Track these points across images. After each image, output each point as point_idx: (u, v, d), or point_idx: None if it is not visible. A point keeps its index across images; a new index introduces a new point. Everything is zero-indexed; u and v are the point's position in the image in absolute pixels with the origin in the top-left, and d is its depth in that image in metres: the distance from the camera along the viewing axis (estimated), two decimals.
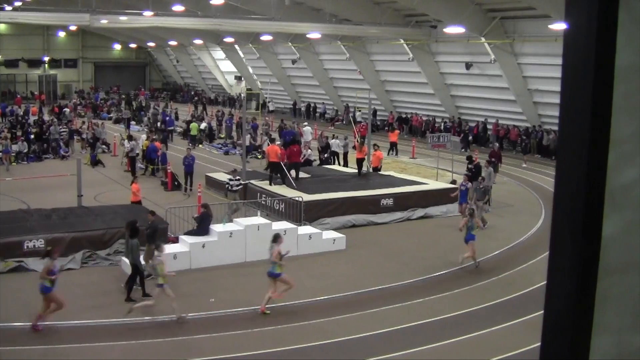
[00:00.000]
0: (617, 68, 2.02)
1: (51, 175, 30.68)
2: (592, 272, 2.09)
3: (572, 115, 2.10)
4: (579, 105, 2.06)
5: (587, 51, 2.03)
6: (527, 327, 15.04)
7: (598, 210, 2.06)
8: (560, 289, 2.17)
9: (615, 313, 2.12)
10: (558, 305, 2.18)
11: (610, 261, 2.09)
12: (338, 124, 58.18)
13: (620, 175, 2.06)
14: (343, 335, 15.16)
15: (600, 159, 2.05)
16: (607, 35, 2.01)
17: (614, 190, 2.05)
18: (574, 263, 2.11)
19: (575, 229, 2.09)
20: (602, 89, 2.03)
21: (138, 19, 45.80)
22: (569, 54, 2.11)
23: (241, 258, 20.47)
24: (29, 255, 19.23)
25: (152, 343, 14.72)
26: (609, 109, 2.03)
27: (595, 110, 2.03)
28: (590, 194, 2.05)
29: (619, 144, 2.05)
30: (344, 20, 47.46)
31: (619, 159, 2.05)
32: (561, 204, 2.15)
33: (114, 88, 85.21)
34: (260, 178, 29.26)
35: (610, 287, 2.10)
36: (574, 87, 2.09)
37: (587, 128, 2.04)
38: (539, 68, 41.19)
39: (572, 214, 2.09)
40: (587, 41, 2.02)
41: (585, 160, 2.04)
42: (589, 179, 2.04)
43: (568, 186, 2.11)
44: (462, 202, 25.65)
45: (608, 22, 2.00)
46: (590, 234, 2.08)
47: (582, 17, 2.04)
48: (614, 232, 2.07)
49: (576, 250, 2.10)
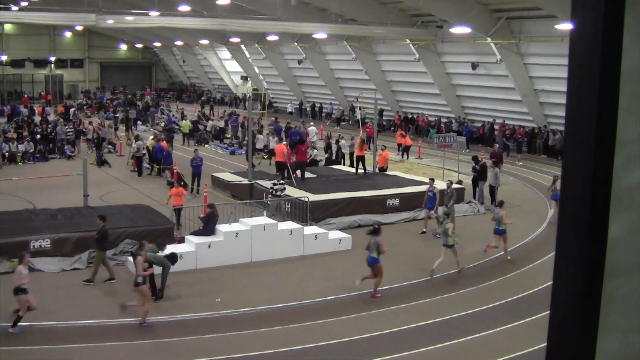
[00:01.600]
0: (623, 69, 2.02)
1: (57, 175, 30.73)
2: (598, 273, 2.09)
3: (578, 116, 2.10)
4: (585, 106, 2.06)
5: (593, 52, 2.03)
6: (533, 328, 15.01)
7: (604, 212, 2.06)
8: (567, 290, 2.17)
9: (621, 314, 2.12)
10: (564, 306, 2.18)
11: (616, 262, 2.09)
12: (344, 124, 58.19)
13: (626, 177, 2.06)
14: (349, 335, 15.16)
15: (606, 160, 2.04)
16: (613, 36, 2.01)
17: (620, 191, 2.05)
18: (580, 264, 2.11)
19: (581, 230, 2.09)
20: (608, 90, 2.03)
21: (144, 19, 45.83)
22: (575, 54, 2.11)
23: (247, 258, 20.47)
24: (35, 255, 19.25)
25: (157, 343, 14.73)
26: (615, 110, 2.03)
27: (602, 112, 2.03)
28: (597, 195, 2.05)
29: (626, 145, 2.05)
30: (350, 20, 47.44)
31: (626, 160, 2.05)
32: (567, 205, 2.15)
33: (120, 88, 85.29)
34: (267, 178, 29.28)
35: (617, 288, 2.10)
36: (580, 87, 2.09)
37: (593, 129, 2.04)
38: (545, 68, 41.11)
39: (579, 215, 2.09)
40: (594, 42, 2.02)
41: (591, 162, 2.04)
42: (595, 180, 2.04)
43: (574, 187, 2.11)
44: (429, 207, 24.61)
45: (614, 23, 2.00)
46: (596, 235, 2.08)
47: (588, 18, 2.04)
48: (620, 233, 2.07)
49: (582, 251, 2.10)
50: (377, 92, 44.31)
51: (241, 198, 27.08)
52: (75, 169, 28.84)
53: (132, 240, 20.60)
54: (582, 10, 2.06)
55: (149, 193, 29.30)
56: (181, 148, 41.29)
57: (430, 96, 52.18)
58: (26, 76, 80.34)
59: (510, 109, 46.06)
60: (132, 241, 20.58)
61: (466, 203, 28.02)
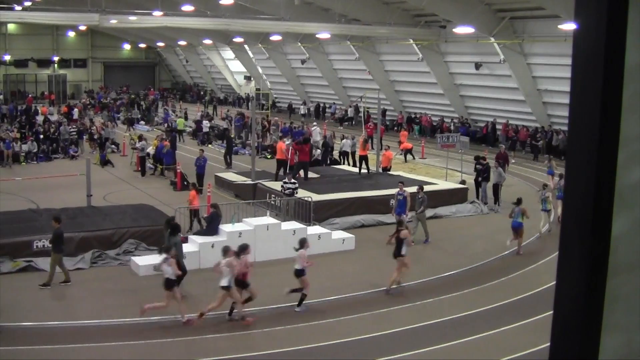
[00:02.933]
0: (626, 67, 2.02)
1: (60, 175, 30.76)
2: (602, 271, 2.09)
3: (581, 115, 2.11)
4: (589, 104, 2.06)
5: (597, 51, 2.03)
6: (537, 327, 15.00)
7: (607, 209, 2.06)
8: (570, 289, 2.17)
9: (624, 312, 2.12)
10: (568, 304, 2.18)
11: (619, 260, 2.09)
12: (346, 124, 58.19)
13: (629, 175, 2.06)
14: (353, 335, 15.15)
15: (609, 158, 2.05)
16: (617, 35, 2.01)
17: (623, 189, 2.05)
18: (584, 262, 2.11)
19: (584, 228, 2.09)
20: (611, 89, 2.03)
21: (147, 18, 45.84)
22: (579, 53, 2.11)
23: (250, 258, 20.45)
24: (39, 254, 19.29)
25: (161, 343, 14.74)
26: (618, 109, 2.03)
27: (605, 110, 2.03)
28: (600, 193, 2.05)
29: (629, 143, 2.05)
30: (353, 20, 47.43)
31: (629, 158, 2.05)
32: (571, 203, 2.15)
33: (123, 88, 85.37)
34: (270, 178, 29.31)
35: (620, 286, 2.10)
36: (584, 86, 2.09)
37: (596, 127, 2.04)
38: (549, 68, 41.07)
39: (582, 213, 2.09)
40: (597, 41, 2.02)
41: (594, 160, 2.04)
42: (598, 178, 2.04)
43: (578, 185, 2.11)
44: (399, 213, 23.18)
45: (617, 21, 2.00)
46: (599, 233, 2.08)
47: (591, 17, 2.04)
48: (623, 231, 2.07)
49: (586, 250, 2.10)
50: (380, 92, 44.33)
51: (244, 198, 27.08)
52: (79, 168, 28.87)
53: (135, 240, 20.65)
54: (585, 10, 2.07)
55: (152, 193, 29.33)
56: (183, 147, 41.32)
57: (434, 96, 52.15)
58: (29, 76, 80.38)
59: (514, 108, 46.02)
60: (135, 241, 20.62)
61: (469, 203, 28.01)
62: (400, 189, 23.78)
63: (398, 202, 23.60)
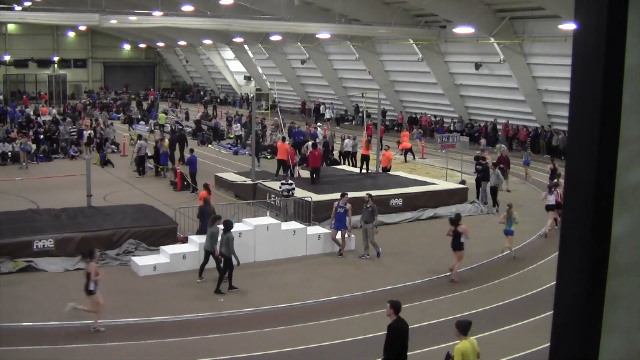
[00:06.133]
0: (626, 68, 2.02)
1: (61, 175, 30.76)
2: (602, 272, 2.09)
3: (581, 115, 2.11)
4: (589, 105, 2.06)
5: (597, 51, 2.03)
6: (537, 328, 15.01)
7: (608, 210, 2.06)
8: (570, 289, 2.17)
9: (624, 312, 2.12)
10: (568, 305, 2.18)
11: (619, 261, 2.08)
12: (347, 124, 58.19)
13: (630, 175, 2.05)
14: (353, 335, 15.15)
15: (609, 159, 2.04)
16: (617, 36, 2.01)
17: (623, 190, 2.05)
18: (584, 263, 2.11)
19: (585, 229, 2.09)
20: (611, 89, 2.03)
21: (147, 19, 45.84)
22: (579, 54, 2.11)
23: (250, 258, 20.45)
24: (39, 255, 19.29)
25: (160, 343, 14.73)
26: (618, 109, 2.03)
27: (605, 110, 2.03)
28: (600, 194, 2.05)
29: (629, 144, 2.05)
30: (353, 20, 47.42)
31: (629, 159, 2.05)
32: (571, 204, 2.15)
33: (123, 88, 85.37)
34: (270, 178, 29.30)
35: (620, 287, 2.10)
36: (584, 87, 2.09)
37: (596, 128, 2.04)
38: (549, 68, 41.06)
39: (582, 214, 2.09)
40: (597, 41, 2.02)
41: (594, 160, 2.04)
42: (598, 179, 2.04)
43: (578, 186, 2.11)
44: (339, 227, 21.21)
45: (618, 22, 2.00)
46: (599, 234, 2.08)
47: (591, 18, 2.04)
48: (623, 231, 2.07)
49: (586, 250, 2.10)
50: (380, 92, 44.32)
51: (244, 198, 27.07)
52: (79, 169, 28.86)
53: (135, 240, 20.65)
54: (585, 10, 2.07)
55: (152, 193, 29.31)
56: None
57: (434, 96, 52.16)
58: (29, 76, 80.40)
59: (514, 109, 46.02)
60: (135, 241, 20.64)
61: (469, 203, 28.01)
62: (343, 201, 21.43)
63: (337, 216, 21.23)
